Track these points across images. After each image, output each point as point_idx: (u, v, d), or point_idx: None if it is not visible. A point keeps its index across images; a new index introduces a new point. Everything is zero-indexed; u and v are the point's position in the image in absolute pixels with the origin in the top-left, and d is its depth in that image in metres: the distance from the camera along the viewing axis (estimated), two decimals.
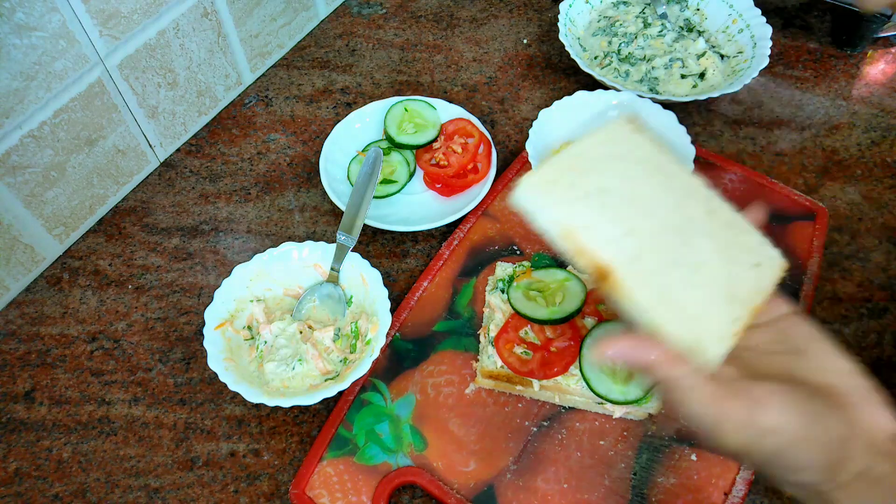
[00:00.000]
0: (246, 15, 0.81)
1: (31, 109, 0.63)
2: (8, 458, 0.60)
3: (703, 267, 0.42)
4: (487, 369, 0.59)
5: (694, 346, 0.39)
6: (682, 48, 0.84)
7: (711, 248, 0.43)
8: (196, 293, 0.70)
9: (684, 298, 0.41)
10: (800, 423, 0.38)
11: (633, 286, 0.40)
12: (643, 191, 0.44)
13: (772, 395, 0.38)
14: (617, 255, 0.40)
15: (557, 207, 0.41)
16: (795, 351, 0.42)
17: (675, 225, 0.43)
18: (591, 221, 0.41)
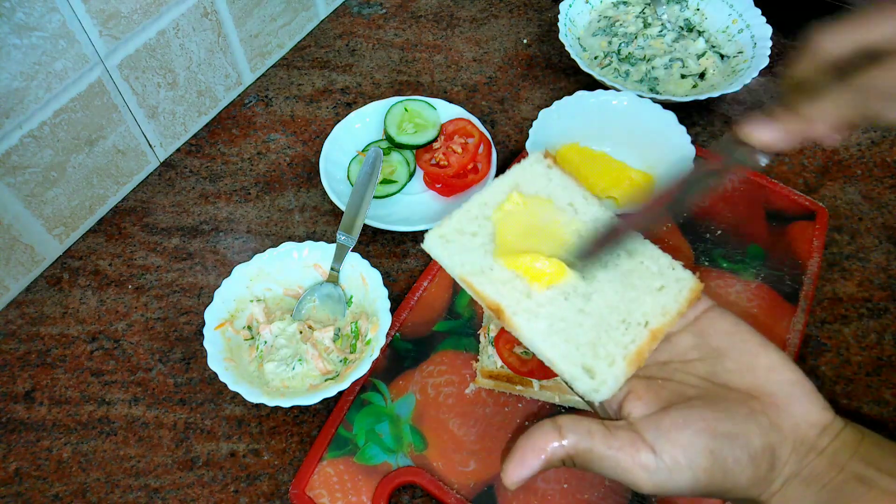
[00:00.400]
0: (246, 15, 0.81)
1: (31, 109, 0.63)
2: (8, 458, 0.60)
3: (594, 296, 0.42)
4: (487, 369, 0.59)
5: (584, 375, 0.39)
6: (682, 48, 0.84)
7: (607, 278, 0.43)
8: (196, 293, 0.70)
9: (573, 329, 0.41)
10: (711, 449, 0.36)
11: (522, 322, 0.41)
12: (543, 230, 0.45)
13: (677, 424, 0.37)
14: (507, 295, 0.42)
15: (455, 257, 0.44)
16: (715, 353, 0.40)
17: (573, 260, 0.44)
18: (486, 266, 0.44)
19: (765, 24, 0.82)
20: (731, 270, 0.68)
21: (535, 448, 0.38)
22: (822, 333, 0.65)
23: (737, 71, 0.81)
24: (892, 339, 0.65)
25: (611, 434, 0.37)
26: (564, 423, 0.38)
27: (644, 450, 0.36)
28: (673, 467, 0.36)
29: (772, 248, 0.69)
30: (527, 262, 0.43)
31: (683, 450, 0.36)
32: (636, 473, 0.37)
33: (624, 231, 0.45)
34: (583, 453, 0.37)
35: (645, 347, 0.40)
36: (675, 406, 0.38)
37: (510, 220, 0.46)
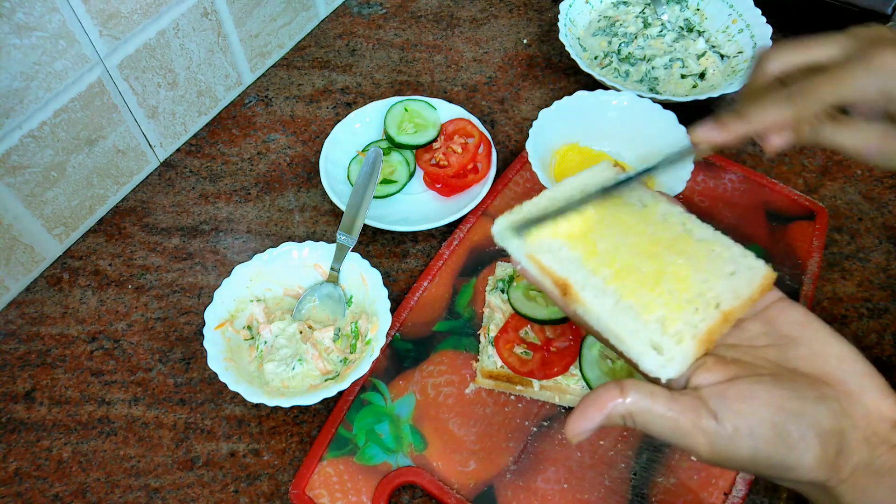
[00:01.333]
0: (246, 15, 0.81)
1: (31, 109, 0.63)
2: (8, 458, 0.60)
3: (667, 278, 0.42)
4: (487, 369, 0.59)
5: (651, 352, 0.39)
6: (682, 48, 0.84)
7: (679, 263, 0.43)
8: (196, 293, 0.70)
9: (644, 306, 0.41)
10: (775, 422, 0.36)
11: (589, 297, 0.41)
12: (614, 220, 0.46)
13: (743, 395, 0.37)
14: (575, 271, 0.43)
15: (526, 238, 0.45)
16: (785, 340, 0.40)
17: (643, 245, 0.44)
18: (554, 245, 0.44)
19: (765, 24, 0.82)
20: None
21: (598, 403, 0.38)
22: None
23: (737, 71, 0.81)
24: (892, 339, 0.65)
25: (673, 397, 0.38)
26: (627, 383, 0.39)
27: (706, 415, 0.37)
28: (733, 434, 0.36)
29: (772, 248, 0.69)
30: (594, 241, 0.44)
31: (746, 419, 0.36)
32: (695, 437, 0.37)
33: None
34: (643, 412, 0.38)
35: (716, 329, 0.40)
36: (744, 378, 0.38)
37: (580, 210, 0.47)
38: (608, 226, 0.45)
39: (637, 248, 0.44)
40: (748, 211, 0.72)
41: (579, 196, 0.47)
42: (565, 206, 0.46)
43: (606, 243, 0.44)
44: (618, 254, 0.43)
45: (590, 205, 0.46)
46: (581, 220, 0.46)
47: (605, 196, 0.47)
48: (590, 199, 0.46)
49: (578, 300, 0.42)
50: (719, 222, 0.71)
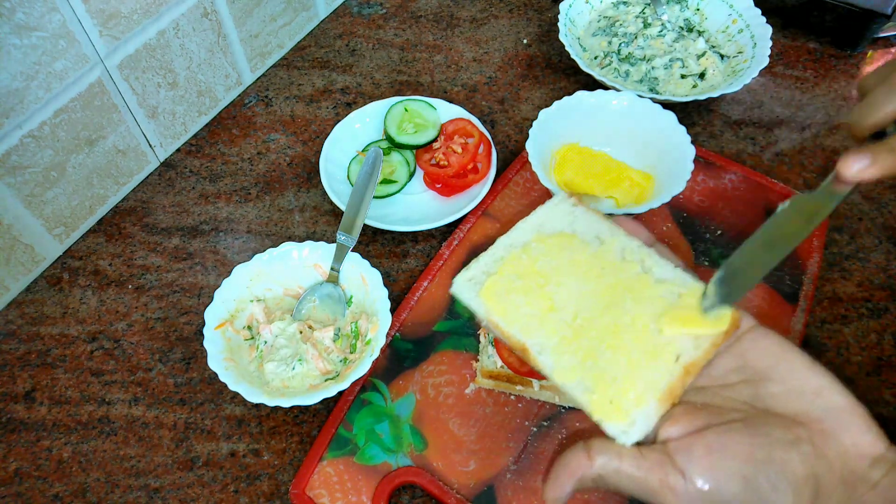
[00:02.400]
0: (246, 15, 0.81)
1: (31, 109, 0.63)
2: (8, 458, 0.60)
3: (625, 330, 0.41)
4: (487, 369, 0.59)
5: (612, 416, 0.38)
6: (682, 48, 0.84)
7: (636, 310, 0.42)
8: (196, 293, 0.70)
9: (603, 363, 0.40)
10: (745, 475, 0.34)
11: (549, 361, 0.41)
12: (570, 266, 0.45)
13: (711, 447, 0.35)
14: (533, 331, 0.42)
15: (485, 298, 0.44)
16: (758, 376, 0.38)
17: (601, 293, 0.43)
18: (511, 304, 0.44)
19: (765, 24, 0.82)
20: None
21: (568, 470, 0.39)
22: (822, 333, 0.65)
23: (737, 71, 0.81)
24: (892, 339, 0.65)
25: (640, 455, 0.37)
26: (594, 445, 0.38)
27: (672, 473, 0.36)
28: (702, 492, 0.35)
29: None
30: (550, 294, 0.43)
31: (714, 474, 0.35)
32: (665, 496, 0.36)
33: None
34: (611, 474, 0.37)
35: (678, 384, 0.39)
36: (712, 429, 0.37)
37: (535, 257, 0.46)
38: (564, 273, 0.44)
39: (595, 297, 0.43)
40: (748, 211, 0.72)
41: (534, 238, 0.47)
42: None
43: (563, 294, 0.43)
44: (575, 306, 0.43)
45: (546, 251, 0.46)
46: (536, 270, 0.45)
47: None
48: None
49: (538, 364, 0.41)
50: (719, 223, 0.71)
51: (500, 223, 0.72)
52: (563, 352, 0.41)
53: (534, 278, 0.44)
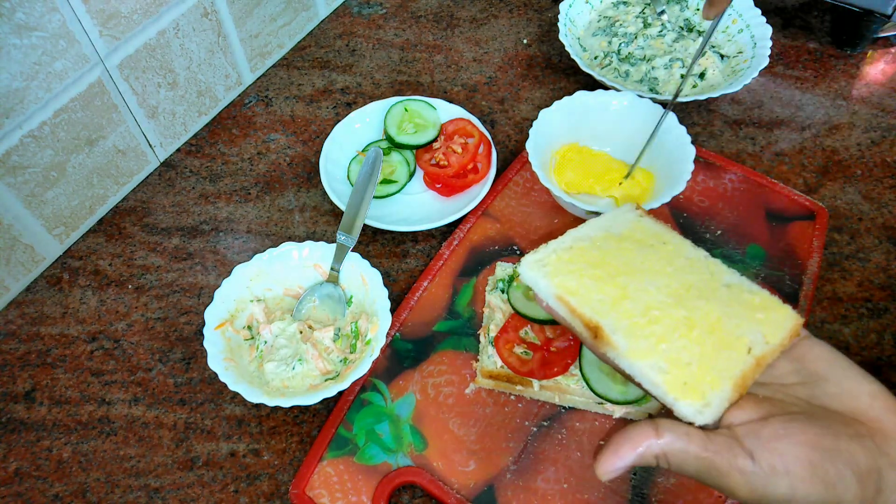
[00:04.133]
0: (246, 15, 0.81)
1: (31, 109, 0.63)
2: (8, 458, 0.60)
3: (698, 322, 0.42)
4: (487, 369, 0.59)
5: (687, 398, 0.39)
6: (682, 48, 0.84)
7: (709, 307, 0.43)
8: (196, 293, 0.70)
9: (676, 348, 0.41)
10: (812, 461, 0.35)
11: (622, 341, 0.41)
12: (640, 262, 0.46)
13: (777, 434, 0.36)
14: (606, 314, 0.43)
15: (554, 278, 0.45)
16: (815, 378, 0.40)
17: (672, 288, 0.44)
18: (583, 287, 0.44)
19: (765, 24, 0.82)
20: None
21: (632, 441, 0.38)
22: (822, 333, 0.65)
23: (737, 71, 0.81)
24: (892, 339, 0.65)
25: (708, 438, 0.38)
26: (662, 423, 0.38)
27: (741, 454, 0.36)
28: (770, 473, 0.36)
29: (772, 248, 0.69)
30: (624, 284, 0.44)
31: (782, 457, 0.36)
32: (732, 477, 0.37)
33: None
34: (677, 453, 0.38)
35: (749, 374, 0.40)
36: (777, 417, 0.37)
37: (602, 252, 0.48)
38: (636, 270, 0.46)
39: (666, 291, 0.44)
40: (748, 211, 0.72)
41: (602, 235, 0.48)
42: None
43: (636, 287, 0.44)
44: (648, 297, 0.44)
45: (615, 248, 0.47)
46: (607, 262, 0.46)
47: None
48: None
49: (611, 344, 0.42)
50: (719, 223, 0.71)
51: (500, 223, 0.72)
52: (636, 335, 0.42)
53: (605, 269, 0.46)
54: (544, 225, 0.72)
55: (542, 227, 0.72)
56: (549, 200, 0.73)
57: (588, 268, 0.46)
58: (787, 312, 0.43)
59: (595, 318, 0.43)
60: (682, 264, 0.46)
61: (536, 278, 0.46)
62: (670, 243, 0.48)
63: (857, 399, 0.38)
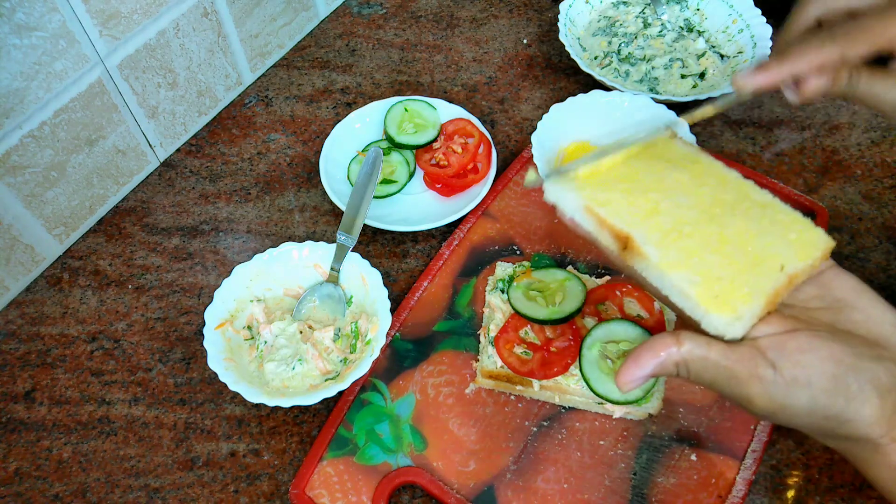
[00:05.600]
0: (246, 15, 0.81)
1: (31, 109, 0.63)
2: (8, 458, 0.60)
3: (730, 238, 0.42)
4: (487, 369, 0.59)
5: (718, 310, 0.38)
6: (682, 48, 0.84)
7: (741, 225, 0.43)
8: (196, 293, 0.70)
9: (708, 262, 0.40)
10: (834, 374, 0.36)
11: (654, 252, 0.41)
12: (672, 179, 0.45)
13: (802, 347, 0.37)
14: (637, 226, 0.42)
15: (581, 192, 0.44)
16: (840, 304, 0.40)
17: (704, 206, 0.44)
18: (613, 199, 0.43)
19: (765, 24, 0.82)
20: None
21: (653, 350, 0.39)
22: None
23: (737, 71, 0.81)
24: None
25: (729, 347, 0.38)
26: (682, 333, 0.39)
27: (763, 364, 0.37)
28: (791, 383, 0.36)
29: None
30: (654, 199, 0.43)
31: (804, 369, 0.36)
32: (751, 386, 0.37)
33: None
34: (698, 360, 0.38)
35: (781, 290, 0.40)
36: (802, 331, 0.38)
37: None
38: (667, 187, 0.45)
39: (698, 209, 0.43)
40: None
41: (632, 153, 0.47)
42: (614, 146, 0.45)
43: (667, 202, 0.43)
44: (679, 212, 0.43)
45: (646, 165, 0.46)
46: (638, 178, 0.45)
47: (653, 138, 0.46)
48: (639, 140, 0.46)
49: (641, 254, 0.41)
50: None
51: (500, 223, 0.72)
52: (668, 247, 0.41)
53: (635, 184, 0.45)
54: (544, 225, 0.72)
55: (542, 227, 0.71)
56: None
57: (617, 182, 0.45)
58: (820, 234, 0.43)
59: (626, 228, 0.42)
60: (713, 183, 0.46)
61: (562, 191, 0.44)
62: (702, 163, 0.47)
63: (881, 326, 0.39)
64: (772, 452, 0.59)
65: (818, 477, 0.57)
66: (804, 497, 0.57)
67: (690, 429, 0.58)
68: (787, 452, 0.59)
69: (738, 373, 0.37)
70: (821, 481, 0.57)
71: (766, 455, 0.58)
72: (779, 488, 0.57)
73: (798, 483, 0.57)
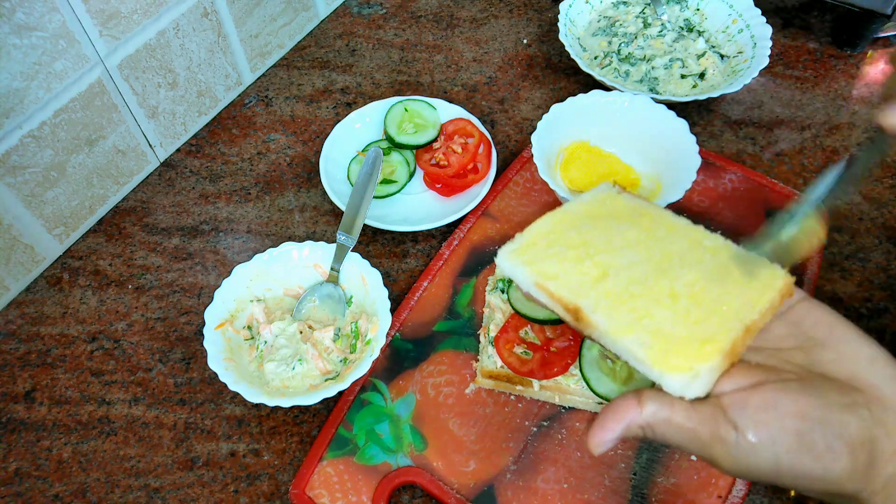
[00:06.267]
0: (246, 15, 0.81)
1: (31, 109, 0.63)
2: (8, 458, 0.60)
3: (682, 292, 0.41)
4: (487, 369, 0.59)
5: (675, 371, 0.37)
6: (682, 48, 0.84)
7: (692, 276, 0.42)
8: (196, 293, 0.70)
9: (659, 320, 0.40)
10: (799, 431, 0.34)
11: (603, 320, 0.41)
12: (621, 238, 0.46)
13: (766, 403, 0.35)
14: (586, 294, 0.42)
15: (531, 266, 0.45)
16: (812, 343, 0.38)
17: (654, 260, 0.44)
18: (562, 271, 0.44)
19: (765, 24, 0.82)
20: None
21: (616, 415, 0.38)
22: None
23: (737, 71, 0.81)
24: (892, 339, 0.65)
25: (692, 407, 0.37)
26: (646, 394, 0.38)
27: (724, 425, 0.36)
28: (754, 445, 0.35)
29: None
30: (603, 262, 0.44)
31: (767, 429, 0.35)
32: (714, 448, 0.36)
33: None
34: (661, 423, 0.37)
35: (739, 342, 0.39)
36: (768, 385, 0.36)
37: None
38: (616, 246, 0.45)
39: (649, 264, 0.43)
40: (748, 211, 0.72)
41: (581, 216, 0.48)
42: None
43: (617, 264, 0.44)
44: (629, 272, 0.43)
45: (594, 227, 0.47)
46: (587, 242, 0.46)
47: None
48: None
49: (591, 324, 0.41)
50: (719, 222, 0.71)
51: (500, 223, 0.72)
52: (617, 311, 0.41)
53: (584, 249, 0.45)
54: None
55: None
56: (550, 200, 0.73)
57: (567, 250, 0.45)
58: (776, 272, 0.42)
59: (573, 300, 0.42)
60: (662, 235, 0.46)
61: (513, 267, 0.45)
62: (649, 215, 0.47)
63: (855, 364, 0.37)
64: None
65: None
66: (804, 497, 0.57)
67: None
68: None
69: (700, 435, 0.36)
70: None
71: None
72: (779, 488, 0.57)
73: None
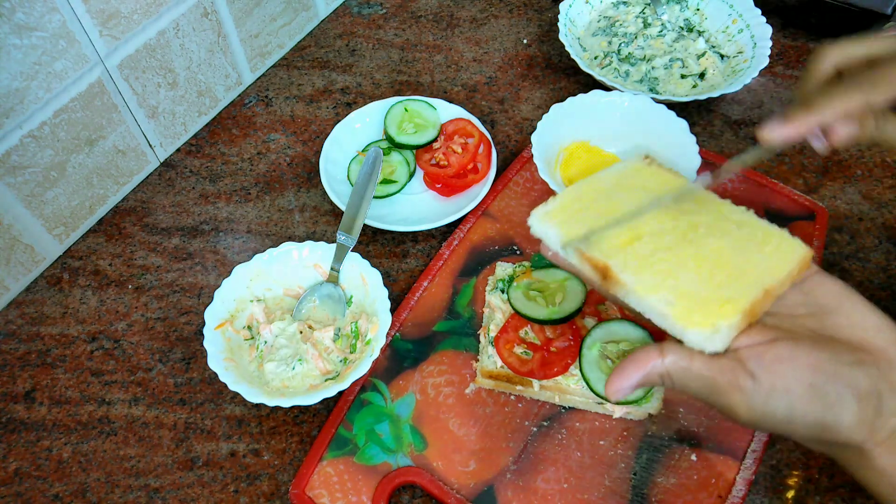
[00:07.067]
0: (246, 15, 0.81)
1: (31, 109, 0.63)
2: (8, 458, 0.60)
3: (706, 257, 0.44)
4: (487, 369, 0.59)
5: (697, 326, 0.40)
6: (682, 48, 0.84)
7: (717, 244, 0.45)
8: (196, 293, 0.70)
9: (685, 282, 0.42)
10: (812, 382, 0.37)
11: (630, 277, 0.43)
12: (649, 207, 0.48)
13: (781, 357, 0.38)
14: (615, 256, 0.44)
15: (563, 227, 0.47)
16: (824, 310, 0.41)
17: (681, 230, 0.46)
18: (592, 232, 0.46)
19: (765, 24, 0.82)
20: None
21: (637, 363, 0.41)
22: None
23: (737, 71, 0.81)
24: None
25: (711, 358, 0.39)
26: (666, 344, 0.40)
27: (743, 374, 0.38)
28: (770, 392, 0.37)
29: None
30: (632, 227, 0.46)
31: (783, 378, 0.37)
32: (732, 396, 0.38)
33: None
34: (681, 371, 0.39)
35: (759, 304, 0.41)
36: (782, 341, 0.39)
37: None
38: (646, 216, 0.47)
39: (675, 233, 0.45)
40: None
41: (611, 185, 0.50)
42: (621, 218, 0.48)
43: (645, 230, 0.46)
44: (658, 239, 0.45)
45: (625, 196, 0.49)
46: (617, 210, 0.47)
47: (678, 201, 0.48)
48: (657, 205, 0.48)
49: (619, 282, 0.43)
50: None
51: (500, 223, 0.72)
52: (645, 272, 0.43)
53: (614, 216, 0.47)
54: None
55: None
56: None
57: (597, 216, 0.47)
58: (796, 244, 0.45)
59: (604, 259, 0.44)
60: (690, 207, 0.48)
61: (545, 228, 0.47)
62: (678, 187, 0.50)
63: (863, 330, 0.39)
64: (772, 452, 0.59)
65: (818, 477, 0.57)
66: (804, 497, 0.57)
67: (690, 429, 0.58)
68: (787, 452, 0.59)
69: (719, 383, 0.39)
70: (821, 481, 0.57)
71: (766, 455, 0.58)
72: (779, 488, 0.57)
73: (798, 483, 0.57)
